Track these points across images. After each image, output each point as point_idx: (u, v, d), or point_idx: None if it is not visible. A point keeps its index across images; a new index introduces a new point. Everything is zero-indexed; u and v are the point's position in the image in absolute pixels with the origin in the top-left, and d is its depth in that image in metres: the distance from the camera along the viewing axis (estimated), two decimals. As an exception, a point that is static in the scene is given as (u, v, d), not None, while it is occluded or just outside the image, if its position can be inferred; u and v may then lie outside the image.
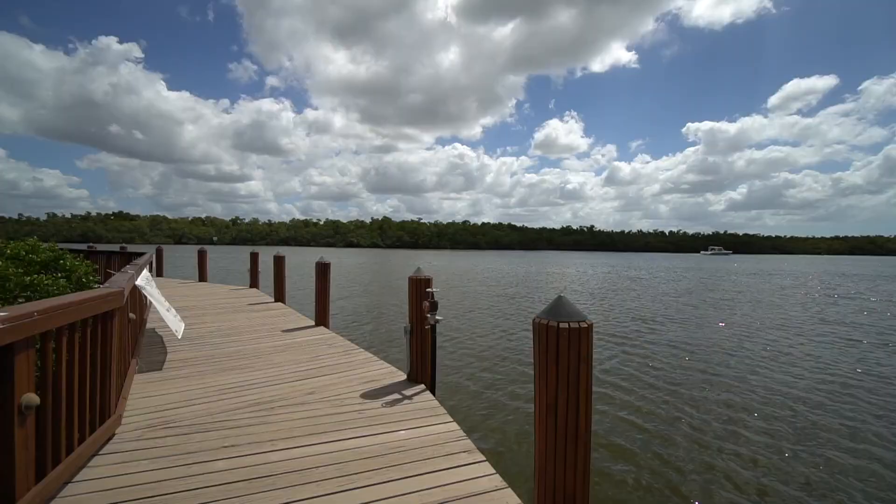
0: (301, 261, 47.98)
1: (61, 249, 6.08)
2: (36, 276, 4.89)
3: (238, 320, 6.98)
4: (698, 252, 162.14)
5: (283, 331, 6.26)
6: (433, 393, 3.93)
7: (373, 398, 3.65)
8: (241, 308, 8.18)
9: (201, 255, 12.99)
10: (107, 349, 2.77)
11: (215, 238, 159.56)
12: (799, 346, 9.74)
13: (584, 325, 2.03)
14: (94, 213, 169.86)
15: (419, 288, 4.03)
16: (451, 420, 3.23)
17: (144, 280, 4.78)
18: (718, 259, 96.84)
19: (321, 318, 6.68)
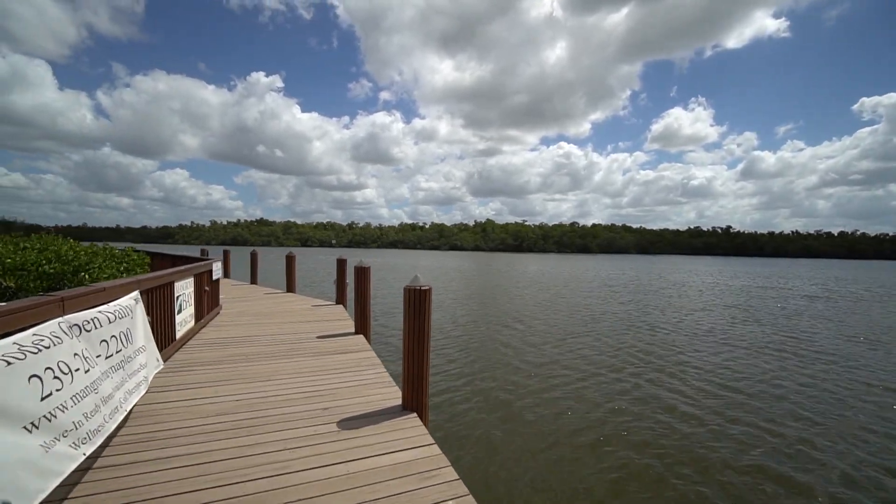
0: (407, 264, 47.24)
1: (125, 250, 6.33)
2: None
3: (287, 376, 4.18)
4: (888, 258, 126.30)
5: (343, 423, 3.21)
6: None
7: None
8: (306, 345, 5.48)
9: (289, 262, 11.14)
10: None
11: (334, 241, 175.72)
12: None
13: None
14: (242, 221, 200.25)
15: None
16: None
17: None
18: None
19: (412, 397, 3.48)
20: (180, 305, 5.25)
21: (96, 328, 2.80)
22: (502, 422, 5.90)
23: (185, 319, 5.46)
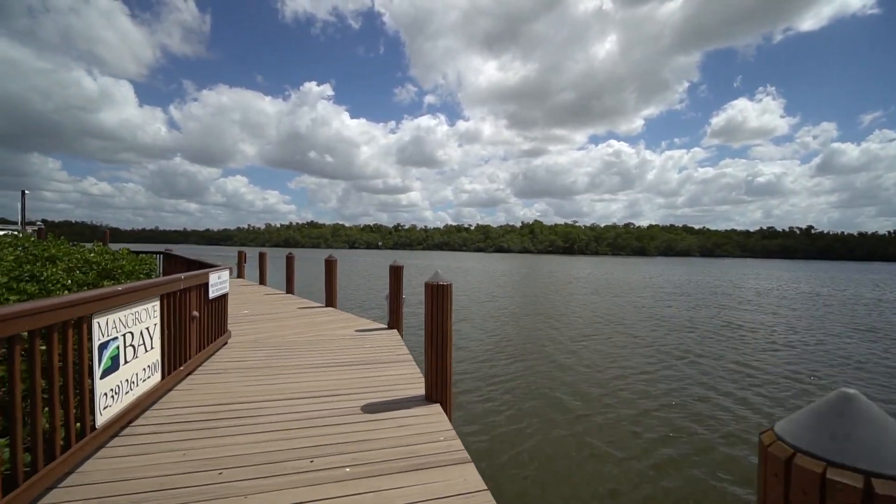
0: (457, 267, 44.59)
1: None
2: None
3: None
4: None
5: None
6: None
7: None
8: (345, 430, 2.86)
9: (329, 268, 8.82)
10: None
11: (380, 243, 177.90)
12: None
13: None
14: (295, 224, 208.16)
15: None
16: None
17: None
18: None
19: None
20: (113, 357, 2.84)
21: None
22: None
23: (129, 380, 3.05)
